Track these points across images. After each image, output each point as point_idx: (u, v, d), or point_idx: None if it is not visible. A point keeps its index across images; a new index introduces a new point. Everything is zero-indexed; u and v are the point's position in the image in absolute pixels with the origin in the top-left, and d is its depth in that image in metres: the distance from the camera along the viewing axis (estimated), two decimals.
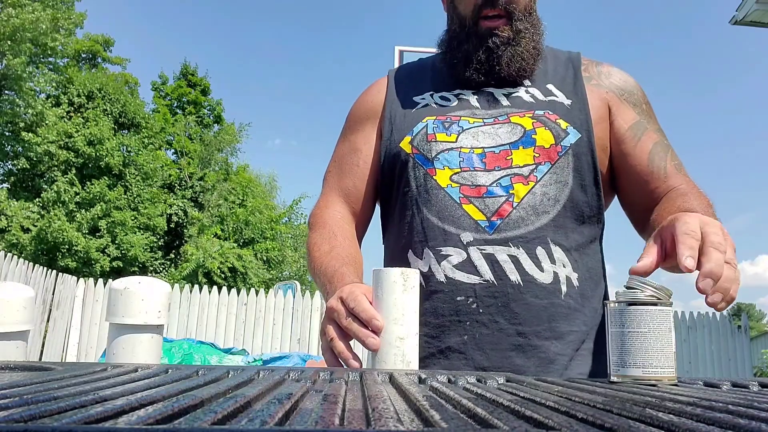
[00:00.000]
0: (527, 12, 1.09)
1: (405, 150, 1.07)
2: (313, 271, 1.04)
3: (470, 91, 1.11)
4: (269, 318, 7.74)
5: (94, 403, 0.35)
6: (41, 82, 15.63)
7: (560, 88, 1.10)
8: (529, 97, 1.09)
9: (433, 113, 1.09)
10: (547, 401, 0.41)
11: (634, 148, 1.07)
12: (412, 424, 0.32)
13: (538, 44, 1.10)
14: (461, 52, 1.10)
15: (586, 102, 1.08)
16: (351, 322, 0.80)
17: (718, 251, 0.72)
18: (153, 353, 0.87)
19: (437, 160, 1.03)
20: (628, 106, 1.10)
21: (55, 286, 7.27)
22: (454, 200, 1.00)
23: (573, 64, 1.15)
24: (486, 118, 1.05)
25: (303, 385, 0.49)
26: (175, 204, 18.17)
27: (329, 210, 1.14)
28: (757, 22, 6.13)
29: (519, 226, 0.97)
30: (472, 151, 1.02)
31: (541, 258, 0.97)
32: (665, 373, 0.66)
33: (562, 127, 1.03)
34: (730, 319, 8.24)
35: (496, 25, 1.07)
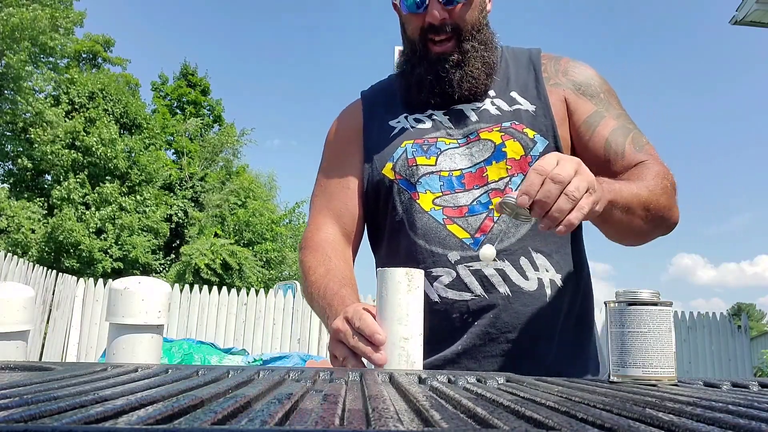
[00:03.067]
0: (475, 29, 1.10)
1: (388, 176, 1.10)
2: (309, 294, 1.04)
3: (441, 111, 1.13)
4: (269, 318, 7.74)
5: (94, 403, 0.35)
6: (40, 82, 15.63)
7: (524, 95, 1.12)
8: (495, 109, 1.11)
9: (410, 137, 1.11)
10: (547, 401, 0.41)
11: (590, 140, 1.08)
12: (412, 424, 0.32)
13: (488, 59, 1.11)
14: (414, 75, 1.12)
15: (549, 106, 1.10)
16: (357, 340, 0.80)
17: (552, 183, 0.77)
18: (153, 353, 0.87)
19: (419, 184, 1.07)
20: (585, 99, 1.12)
21: (55, 286, 7.27)
22: (439, 222, 1.04)
23: (534, 66, 1.16)
24: (459, 138, 1.09)
25: (303, 385, 0.49)
26: (176, 204, 18.17)
27: (321, 232, 1.14)
28: (757, 22, 6.13)
29: (501, 239, 1.03)
30: (451, 174, 1.06)
31: (525, 268, 1.03)
32: (665, 373, 0.66)
33: (530, 136, 1.07)
34: (730, 319, 8.24)
35: (444, 49, 1.08)
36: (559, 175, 0.77)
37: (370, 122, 1.19)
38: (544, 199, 0.77)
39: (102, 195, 15.68)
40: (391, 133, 1.14)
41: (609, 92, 1.14)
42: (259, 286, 13.96)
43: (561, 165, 0.79)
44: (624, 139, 1.07)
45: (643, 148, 1.07)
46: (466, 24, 1.08)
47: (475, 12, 1.09)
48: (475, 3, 1.08)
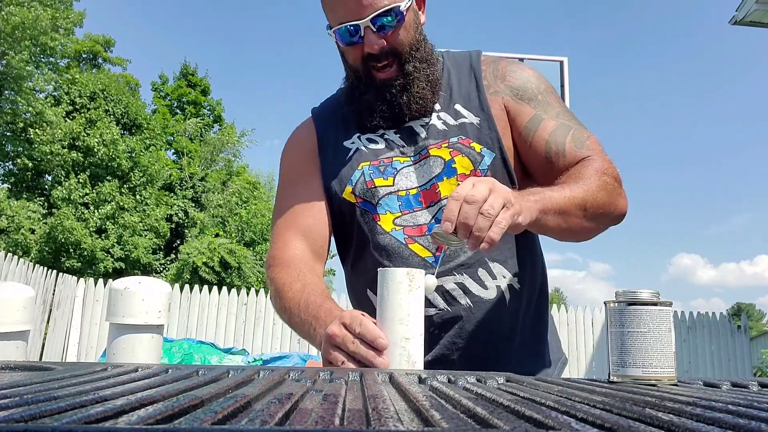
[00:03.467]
0: (414, 49, 1.10)
1: (349, 200, 1.13)
2: (287, 310, 1.03)
3: (392, 131, 1.14)
4: (269, 318, 7.74)
5: (94, 403, 0.35)
6: (40, 82, 15.63)
7: (467, 107, 1.14)
8: (441, 124, 1.13)
9: (366, 158, 1.13)
10: (547, 401, 0.41)
11: (532, 144, 1.10)
12: (412, 424, 0.32)
13: (432, 76, 1.13)
14: (363, 102, 1.12)
15: (492, 117, 1.12)
16: (358, 345, 0.80)
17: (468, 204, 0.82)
18: (153, 353, 0.87)
19: (380, 205, 1.10)
20: (524, 103, 1.13)
21: (55, 286, 7.26)
22: (401, 242, 1.08)
23: (474, 73, 1.17)
24: (412, 156, 1.12)
25: (303, 385, 0.49)
26: (176, 204, 18.17)
27: (289, 249, 1.13)
28: (757, 22, 6.13)
29: (458, 254, 1.07)
30: (408, 193, 1.10)
31: (483, 278, 1.08)
32: (665, 373, 0.66)
33: (477, 150, 1.09)
34: (730, 319, 8.24)
35: (387, 75, 1.09)
36: (473, 196, 0.82)
37: (324, 141, 1.20)
38: (464, 221, 0.81)
39: (101, 194, 15.67)
40: (346, 155, 1.15)
41: (547, 91, 1.15)
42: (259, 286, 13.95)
43: (475, 187, 0.83)
44: (564, 138, 1.08)
45: (584, 144, 1.08)
46: (404, 46, 1.08)
47: (410, 31, 1.09)
48: (408, 23, 1.08)
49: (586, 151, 1.07)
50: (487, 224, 0.81)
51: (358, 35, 1.05)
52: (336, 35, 1.08)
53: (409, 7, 1.07)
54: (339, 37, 1.08)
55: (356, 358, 0.80)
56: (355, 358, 0.80)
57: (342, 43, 1.09)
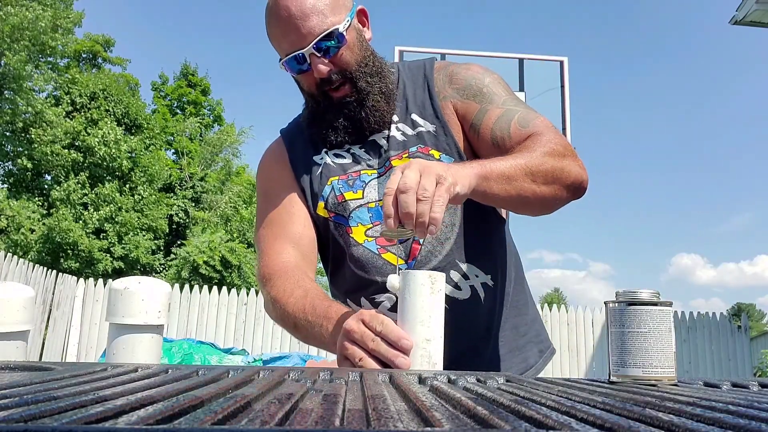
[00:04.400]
0: (362, 65, 1.12)
1: (322, 215, 1.16)
2: (290, 316, 1.03)
3: (357, 145, 1.18)
4: (269, 318, 7.71)
5: (94, 403, 0.35)
6: (40, 82, 15.63)
7: (423, 116, 1.17)
8: (400, 135, 1.16)
9: (334, 173, 1.17)
10: (547, 401, 0.41)
11: (480, 136, 1.11)
12: (412, 424, 0.32)
13: (385, 88, 1.15)
14: (326, 122, 1.15)
15: (446, 123, 1.15)
16: (379, 343, 0.79)
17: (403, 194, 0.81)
18: (153, 353, 0.87)
19: (351, 218, 1.14)
20: (470, 101, 1.15)
21: (55, 286, 7.26)
22: (374, 252, 1.11)
23: (428, 82, 1.20)
24: (378, 168, 1.15)
25: (303, 385, 0.49)
26: (176, 204, 18.18)
27: (282, 258, 1.13)
28: (757, 22, 6.13)
29: (430, 259, 1.10)
30: (377, 204, 1.13)
31: (456, 279, 1.11)
32: (665, 373, 0.66)
33: (436, 157, 1.12)
34: (730, 319, 8.24)
35: (342, 94, 1.12)
36: (405, 185, 0.82)
37: (294, 157, 1.23)
38: (405, 211, 0.81)
39: (101, 196, 15.67)
40: (316, 171, 1.19)
41: (492, 83, 1.16)
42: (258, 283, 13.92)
43: (405, 175, 0.83)
44: (508, 123, 1.08)
45: (530, 123, 1.07)
46: (351, 65, 1.10)
47: (355, 50, 1.11)
48: (351, 42, 1.10)
49: (532, 128, 1.06)
50: (426, 207, 0.81)
51: (306, 63, 1.08)
52: (286, 66, 1.12)
53: (349, 26, 1.10)
54: (289, 68, 1.11)
55: (376, 356, 0.80)
56: (374, 356, 0.80)
57: (293, 72, 1.13)
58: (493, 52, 5.94)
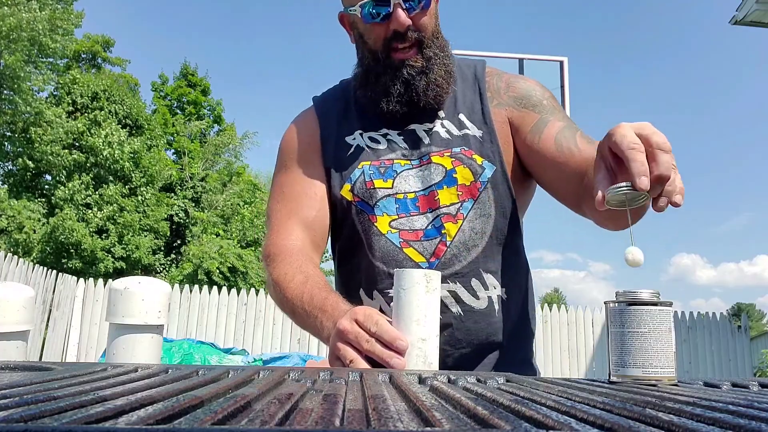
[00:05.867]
0: (434, 36, 1.10)
1: (346, 198, 1.12)
2: (288, 301, 1.01)
3: (395, 131, 1.14)
4: (269, 318, 7.74)
5: (94, 403, 0.35)
6: (39, 82, 15.62)
7: (470, 118, 1.14)
8: (445, 132, 1.13)
9: (367, 158, 1.12)
10: (547, 401, 0.41)
11: (540, 143, 1.09)
12: (412, 424, 0.32)
13: (448, 67, 1.12)
14: (379, 85, 1.10)
15: (494, 131, 1.12)
16: (373, 344, 0.79)
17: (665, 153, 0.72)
18: (153, 353, 0.87)
19: (377, 207, 1.10)
20: (528, 111, 1.13)
21: (55, 286, 7.26)
22: (396, 245, 1.08)
23: (479, 84, 1.17)
24: (413, 159, 1.11)
25: (303, 385, 0.49)
26: (176, 204, 18.18)
27: (290, 240, 1.11)
28: (757, 22, 6.13)
29: (453, 263, 1.07)
30: (406, 197, 1.09)
31: (476, 288, 1.08)
32: (665, 373, 0.66)
33: (478, 162, 1.09)
34: (730, 319, 8.24)
35: (407, 56, 1.08)
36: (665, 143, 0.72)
37: (325, 133, 1.18)
38: (666, 172, 0.71)
39: (104, 197, 15.68)
40: (347, 152, 1.14)
41: (551, 98, 1.15)
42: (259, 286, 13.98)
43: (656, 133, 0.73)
44: (573, 135, 1.07)
45: (594, 141, 1.04)
46: (427, 31, 1.08)
47: (433, 19, 1.09)
48: (432, 10, 1.08)
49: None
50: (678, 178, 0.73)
51: (387, 10, 1.04)
52: (361, 11, 1.07)
53: None
54: (364, 14, 1.06)
55: (370, 357, 0.79)
56: (368, 357, 0.79)
57: (365, 20, 1.07)
58: (493, 52, 5.93)
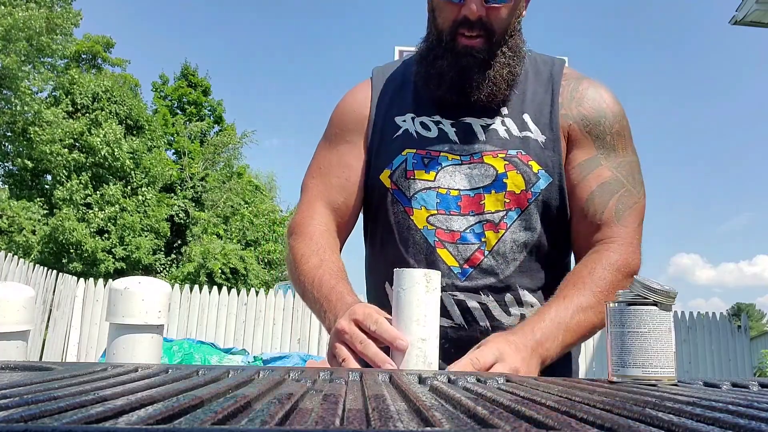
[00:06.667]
0: (508, 33, 1.04)
1: (384, 184, 1.07)
2: (301, 283, 1.01)
3: (449, 121, 1.07)
4: (269, 318, 7.74)
5: (94, 403, 0.35)
6: (39, 82, 15.62)
7: (536, 120, 1.07)
8: (504, 131, 1.06)
9: (413, 145, 1.06)
10: (547, 401, 0.41)
11: (578, 185, 1.04)
12: (412, 424, 0.32)
13: (514, 69, 1.05)
14: (435, 67, 1.05)
15: (559, 139, 1.05)
16: (367, 346, 0.78)
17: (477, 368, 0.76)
18: (153, 353, 0.87)
19: (415, 199, 1.04)
20: (589, 139, 1.06)
21: (55, 286, 7.27)
22: (430, 243, 1.02)
23: (553, 86, 1.10)
24: (463, 155, 1.04)
25: (303, 385, 0.49)
26: (176, 204, 18.19)
27: (315, 220, 1.09)
28: (757, 22, 6.13)
29: (489, 274, 1.01)
30: (449, 193, 1.03)
31: (509, 304, 1.02)
32: (665, 373, 0.66)
33: (534, 170, 1.02)
34: (730, 319, 8.24)
35: (473, 44, 1.02)
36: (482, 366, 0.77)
37: (376, 110, 1.13)
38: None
39: (104, 197, 15.69)
40: (394, 134, 1.09)
41: (618, 133, 1.07)
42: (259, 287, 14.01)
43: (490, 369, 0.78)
44: (608, 199, 1.02)
45: (622, 217, 1.01)
46: (501, 26, 1.02)
47: (512, 16, 1.03)
48: (512, 6, 1.02)
49: (619, 229, 1.00)
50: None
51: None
52: None
53: None
54: None
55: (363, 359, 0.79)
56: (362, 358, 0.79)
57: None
58: None
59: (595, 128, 1.06)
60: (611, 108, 1.08)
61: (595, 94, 1.09)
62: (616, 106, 1.09)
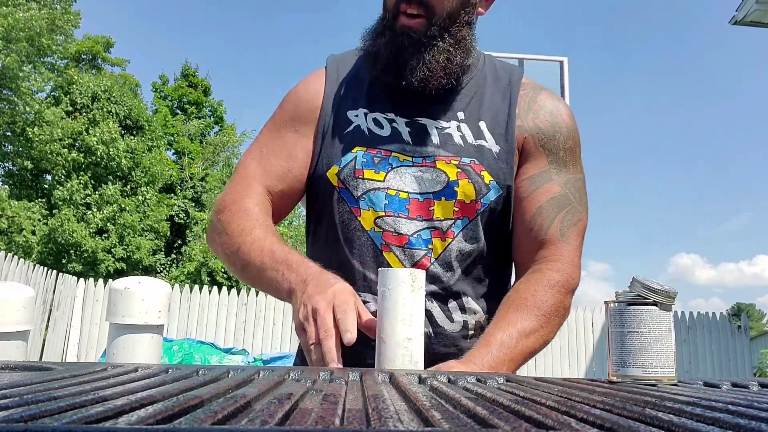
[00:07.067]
0: (451, 20, 1.00)
1: (331, 181, 1.03)
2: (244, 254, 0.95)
3: (403, 120, 1.04)
4: (269, 318, 7.74)
5: (94, 403, 0.35)
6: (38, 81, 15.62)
7: (491, 129, 1.05)
8: (459, 137, 1.03)
9: (363, 142, 1.03)
10: (547, 401, 0.41)
11: (525, 200, 1.03)
12: (412, 424, 0.32)
13: (453, 58, 1.01)
14: (375, 45, 1.03)
15: (513, 151, 1.04)
16: (327, 338, 0.78)
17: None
18: (153, 353, 0.87)
19: (363, 199, 1.00)
20: (542, 153, 1.05)
21: (55, 286, 7.27)
22: (377, 246, 1.00)
23: (511, 95, 1.08)
24: (415, 157, 1.02)
25: (303, 385, 0.49)
26: (176, 204, 18.20)
27: (252, 199, 1.02)
28: (757, 22, 6.13)
29: (434, 281, 0.99)
30: (398, 194, 1.00)
31: (452, 310, 1.01)
32: (665, 373, 0.66)
33: (485, 181, 1.01)
34: (730, 319, 8.25)
35: (411, 24, 0.99)
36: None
37: (329, 101, 1.08)
38: None
39: (103, 197, 15.69)
40: (345, 129, 1.04)
41: (571, 150, 1.07)
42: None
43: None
44: (556, 214, 1.02)
45: (565, 235, 1.02)
46: (443, 9, 0.99)
47: (458, 2, 1.00)
48: None
49: (563, 247, 1.01)
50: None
51: None
52: None
53: None
54: None
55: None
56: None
57: None
58: (493, 52, 5.92)
59: (549, 142, 1.05)
60: (567, 123, 1.08)
61: (552, 107, 1.08)
62: (571, 121, 1.09)
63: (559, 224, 1.02)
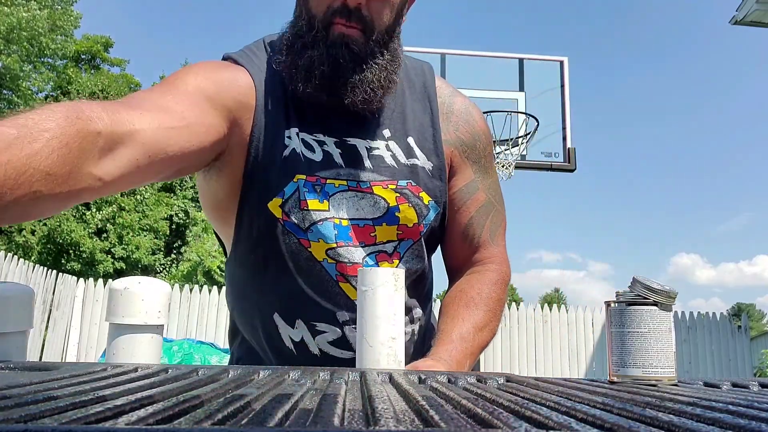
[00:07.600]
0: (388, 34, 0.95)
1: (274, 213, 0.94)
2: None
3: (332, 140, 0.96)
4: None
5: (94, 403, 0.35)
6: (38, 81, 15.63)
7: (420, 145, 1.01)
8: (390, 157, 0.98)
9: (302, 170, 0.93)
10: (547, 401, 0.41)
11: (458, 212, 1.05)
12: (412, 424, 0.32)
13: (392, 75, 0.96)
14: (304, 58, 0.91)
15: (444, 167, 1.02)
16: None
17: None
18: (153, 353, 0.87)
19: (311, 231, 0.94)
20: (467, 164, 1.05)
21: (55, 286, 7.27)
22: (331, 276, 0.95)
23: (430, 103, 1.04)
24: (350, 180, 0.95)
25: (303, 385, 0.49)
26: (176, 204, 18.20)
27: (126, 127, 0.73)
28: (757, 22, 6.13)
29: None
30: (341, 223, 0.95)
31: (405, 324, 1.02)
32: (665, 373, 0.66)
33: (425, 202, 0.99)
34: (730, 319, 8.24)
35: (350, 33, 0.90)
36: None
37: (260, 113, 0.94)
38: None
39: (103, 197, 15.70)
40: (281, 153, 0.93)
41: (489, 154, 1.09)
42: None
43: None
44: (485, 220, 1.06)
45: (494, 237, 1.07)
46: (381, 22, 0.92)
47: (393, 14, 0.94)
48: (394, 4, 0.93)
49: (494, 249, 1.07)
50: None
51: None
52: None
53: None
54: None
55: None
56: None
57: None
58: (493, 52, 5.94)
59: (472, 153, 1.06)
60: (483, 129, 1.09)
61: (468, 115, 1.07)
62: (485, 125, 1.09)
63: (488, 229, 1.07)
